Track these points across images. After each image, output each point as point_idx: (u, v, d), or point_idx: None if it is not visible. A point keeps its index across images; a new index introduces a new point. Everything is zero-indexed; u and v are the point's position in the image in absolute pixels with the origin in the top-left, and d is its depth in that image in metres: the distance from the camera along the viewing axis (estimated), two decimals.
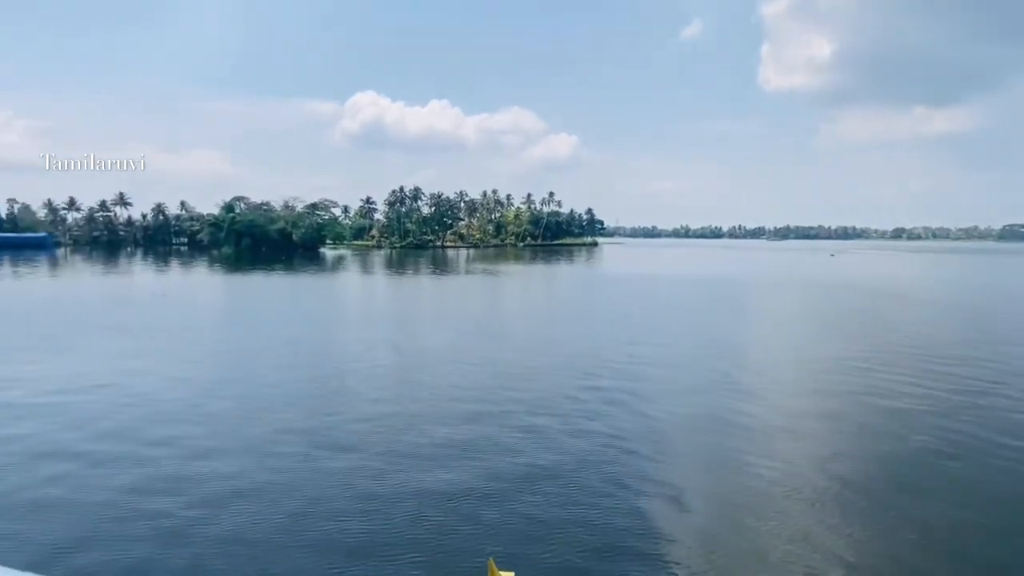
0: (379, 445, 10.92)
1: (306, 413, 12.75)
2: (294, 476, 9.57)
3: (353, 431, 11.66)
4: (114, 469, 9.79)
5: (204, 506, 8.55)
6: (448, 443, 11.07)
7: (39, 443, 11.12)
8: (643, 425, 12.23)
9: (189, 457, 10.26)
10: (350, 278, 56.65)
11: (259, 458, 10.28)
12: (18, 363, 17.56)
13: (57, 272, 60.56)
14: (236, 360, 18.56)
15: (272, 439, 11.19)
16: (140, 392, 14.26)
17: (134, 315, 28.32)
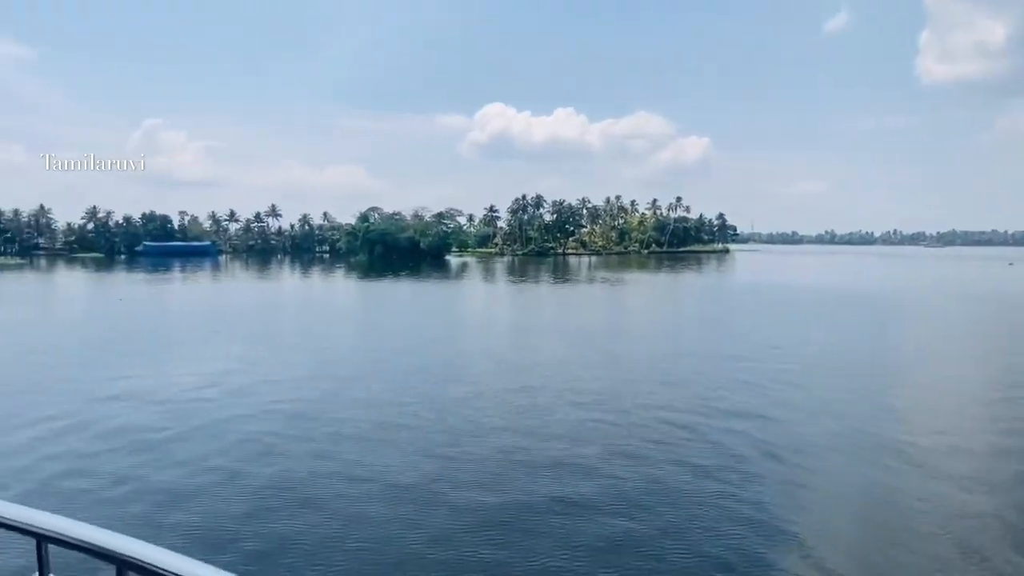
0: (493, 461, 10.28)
1: (425, 421, 12.47)
2: (408, 479, 9.17)
3: (462, 441, 11.13)
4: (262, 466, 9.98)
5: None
6: (564, 460, 10.25)
7: (227, 435, 11.87)
8: (782, 447, 10.55)
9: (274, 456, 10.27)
10: (472, 285, 57.60)
11: (386, 465, 10.03)
12: (195, 360, 19.20)
13: (218, 277, 67.59)
14: (365, 365, 18.94)
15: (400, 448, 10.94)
16: (263, 392, 14.84)
17: (280, 320, 30.48)
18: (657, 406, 13.97)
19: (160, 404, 14.08)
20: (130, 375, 17.09)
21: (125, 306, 36.99)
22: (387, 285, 55.09)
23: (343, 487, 9.53)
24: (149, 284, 55.71)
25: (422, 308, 37.90)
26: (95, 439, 11.70)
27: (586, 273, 75.65)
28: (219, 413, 13.37)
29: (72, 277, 68.15)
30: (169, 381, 16.57)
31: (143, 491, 9.34)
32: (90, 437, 11.81)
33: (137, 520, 8.35)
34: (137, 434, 11.95)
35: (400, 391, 15.54)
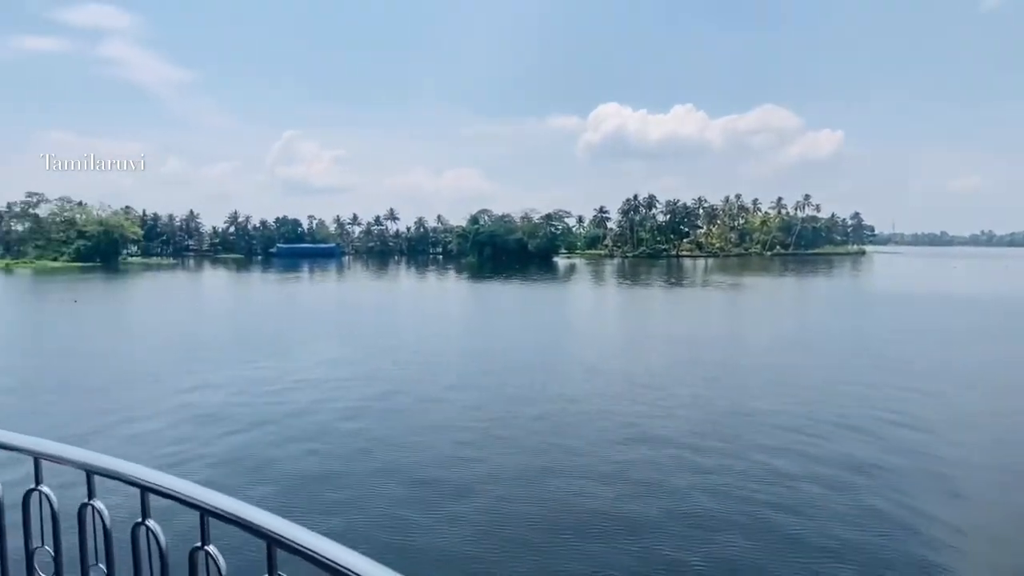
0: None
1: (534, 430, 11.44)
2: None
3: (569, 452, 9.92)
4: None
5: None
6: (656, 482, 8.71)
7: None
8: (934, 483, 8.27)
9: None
10: (580, 288, 56.13)
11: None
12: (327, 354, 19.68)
13: (341, 277, 71.33)
14: (475, 371, 18.31)
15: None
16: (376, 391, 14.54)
17: (392, 321, 30.98)
18: (767, 431, 11.87)
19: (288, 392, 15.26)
20: (271, 365, 17.87)
21: (267, 304, 39.50)
22: (494, 287, 55.12)
23: (467, 488, 9.78)
24: (281, 284, 59.81)
25: (528, 311, 37.20)
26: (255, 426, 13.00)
27: (702, 276, 71.45)
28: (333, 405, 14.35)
29: (215, 276, 75.01)
30: (286, 374, 17.57)
31: (287, 473, 10.32)
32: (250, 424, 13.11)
33: (286, 503, 9.12)
34: (281, 424, 13.03)
35: (513, 397, 15.17)
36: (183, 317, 34.22)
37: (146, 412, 14.01)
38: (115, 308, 40.19)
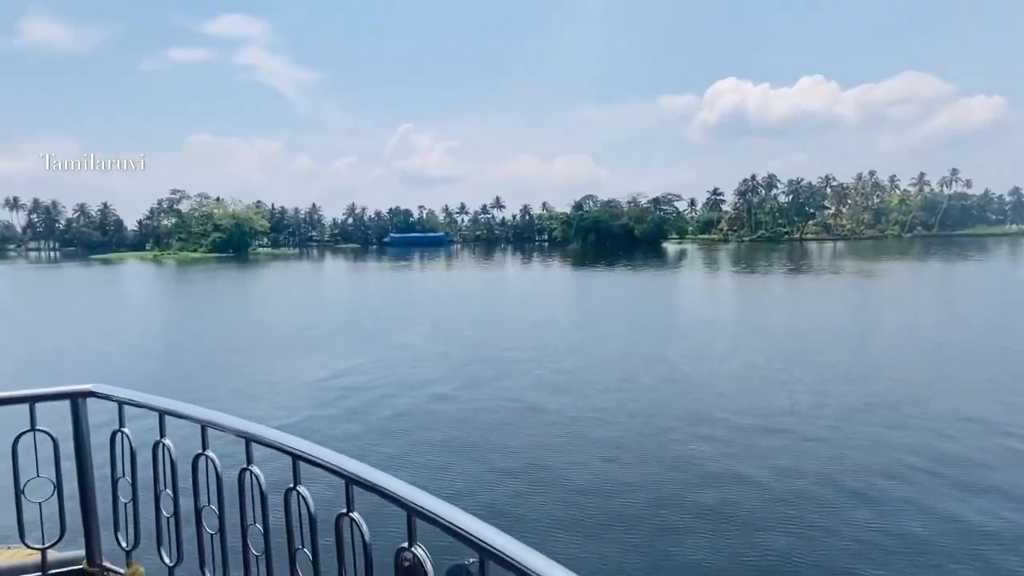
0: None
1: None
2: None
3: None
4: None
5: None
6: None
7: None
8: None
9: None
10: (689, 276, 52.94)
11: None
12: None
13: (450, 265, 72.80)
14: (581, 363, 17.31)
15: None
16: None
17: (496, 310, 30.61)
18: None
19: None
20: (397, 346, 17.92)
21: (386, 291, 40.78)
22: (597, 275, 53.37)
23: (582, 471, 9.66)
24: (395, 272, 62.03)
25: (633, 301, 35.14)
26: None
27: (829, 262, 65.07)
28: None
29: (335, 265, 79.38)
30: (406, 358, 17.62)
31: (421, 450, 10.85)
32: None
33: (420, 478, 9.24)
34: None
35: (615, 394, 13.94)
36: (314, 302, 36.12)
37: (291, 387, 15.61)
38: (264, 291, 43.28)
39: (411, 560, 1.75)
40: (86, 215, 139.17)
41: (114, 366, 18.98)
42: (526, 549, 1.38)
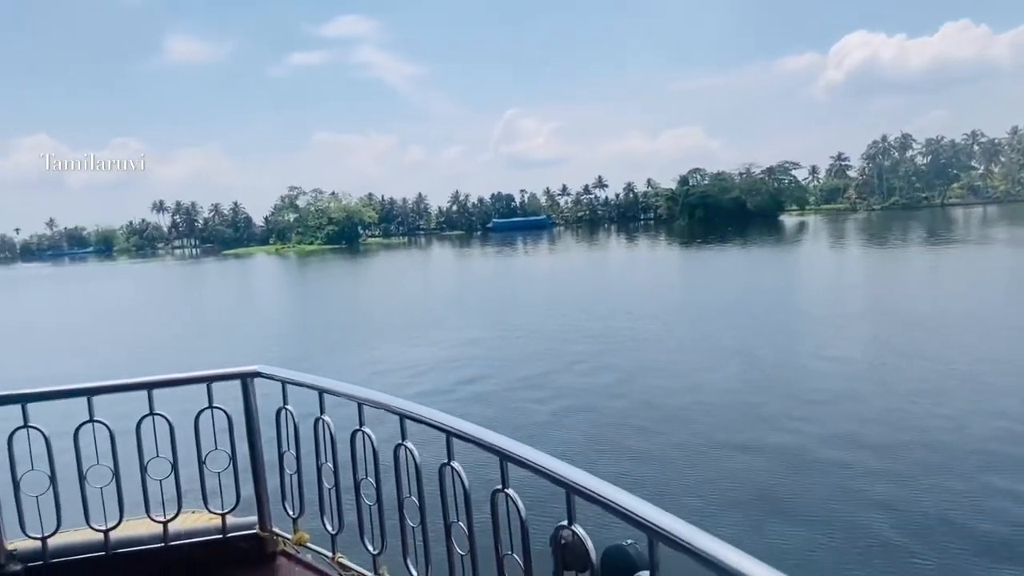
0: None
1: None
2: None
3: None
4: None
5: None
6: None
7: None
8: None
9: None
10: (810, 252, 49.11)
11: None
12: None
13: (552, 249, 72.75)
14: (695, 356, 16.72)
15: None
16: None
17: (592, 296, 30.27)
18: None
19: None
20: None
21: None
22: (706, 254, 50.77)
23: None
24: (497, 257, 63.06)
25: (743, 283, 31.85)
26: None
27: (979, 230, 57.96)
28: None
29: (439, 252, 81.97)
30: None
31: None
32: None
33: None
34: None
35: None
36: (423, 288, 37.64)
37: (429, 366, 16.32)
38: (377, 279, 45.88)
39: (570, 538, 1.74)
40: (220, 214, 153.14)
41: (269, 348, 20.82)
42: (697, 530, 1.35)
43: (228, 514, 3.19)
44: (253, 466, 3.21)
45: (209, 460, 3.10)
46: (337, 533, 2.99)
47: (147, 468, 3.01)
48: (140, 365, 17.78)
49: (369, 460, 2.67)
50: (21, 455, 2.87)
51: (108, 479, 2.97)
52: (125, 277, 70.72)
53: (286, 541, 3.22)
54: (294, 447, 3.04)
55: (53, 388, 3.02)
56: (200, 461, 3.09)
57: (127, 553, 3.06)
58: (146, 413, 3.01)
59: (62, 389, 3.02)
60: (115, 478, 2.98)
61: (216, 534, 3.17)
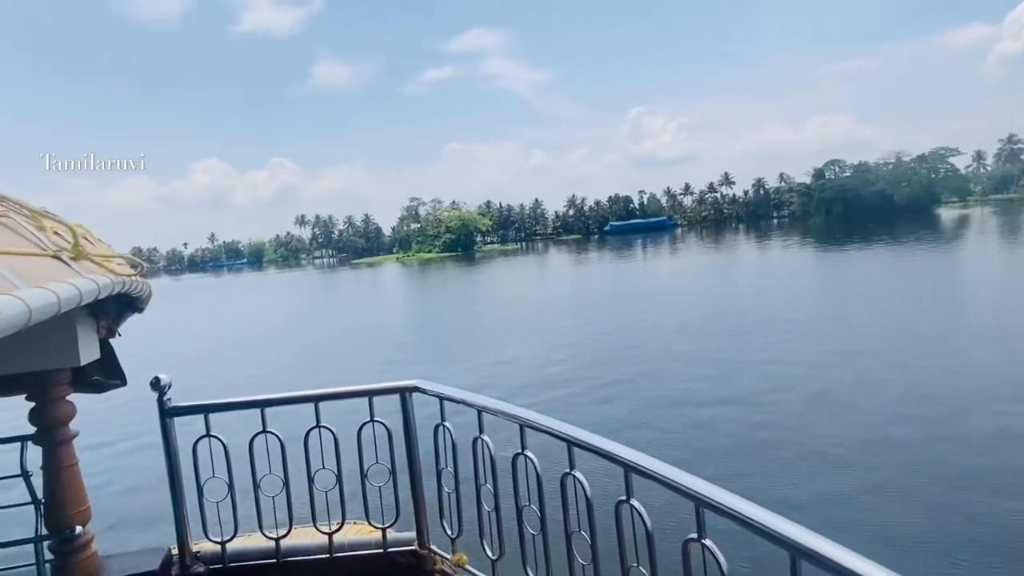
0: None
1: None
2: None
3: None
4: None
5: None
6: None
7: None
8: None
9: None
10: (978, 251, 43.13)
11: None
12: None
13: (675, 252, 70.21)
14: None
15: None
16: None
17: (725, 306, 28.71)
18: None
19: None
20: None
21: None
22: (845, 256, 45.76)
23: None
24: (614, 262, 62.02)
25: (895, 289, 27.81)
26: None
27: None
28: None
29: (555, 259, 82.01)
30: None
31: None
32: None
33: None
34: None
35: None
36: (537, 294, 37.83)
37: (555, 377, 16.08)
38: (490, 287, 47.03)
39: (701, 552, 1.71)
40: (353, 226, 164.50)
41: (401, 350, 21.84)
42: (846, 551, 1.31)
43: (388, 528, 3.18)
44: (412, 482, 3.17)
45: (371, 473, 3.11)
46: (498, 559, 2.87)
47: (314, 479, 3.07)
48: (299, 371, 19.42)
49: (532, 486, 2.54)
50: (203, 463, 3.04)
51: (279, 488, 3.06)
52: (275, 286, 77.92)
53: (444, 560, 3.16)
54: (452, 465, 2.99)
55: (231, 400, 3.19)
56: (363, 474, 3.10)
57: (295, 562, 3.14)
58: (313, 425, 3.07)
59: (238, 401, 3.18)
60: (285, 487, 3.07)
61: (376, 548, 3.17)
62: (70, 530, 2.83)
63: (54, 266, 1.78)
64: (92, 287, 1.63)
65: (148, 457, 9.68)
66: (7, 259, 1.41)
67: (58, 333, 2.55)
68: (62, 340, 2.56)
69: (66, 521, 2.82)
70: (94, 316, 2.71)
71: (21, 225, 1.85)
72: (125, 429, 11.74)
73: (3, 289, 1.22)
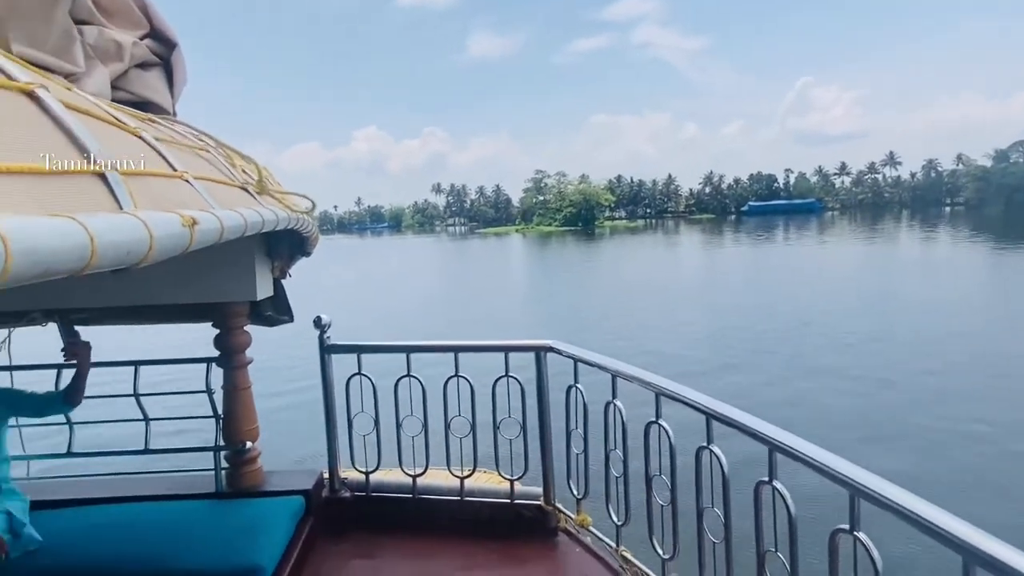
0: None
1: None
2: None
3: None
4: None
5: None
6: None
7: None
8: None
9: None
10: None
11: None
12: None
13: (823, 236, 64.23)
14: None
15: None
16: None
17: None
18: None
19: None
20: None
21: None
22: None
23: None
24: (751, 245, 58.26)
25: None
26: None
27: None
28: None
29: (680, 239, 78.48)
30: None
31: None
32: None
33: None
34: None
35: None
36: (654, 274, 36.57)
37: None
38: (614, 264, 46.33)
39: (852, 546, 1.61)
40: (484, 196, 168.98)
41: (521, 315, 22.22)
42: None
43: (516, 480, 3.27)
44: (541, 439, 3.23)
45: (502, 426, 3.22)
46: (623, 525, 2.87)
47: (450, 425, 3.23)
48: (435, 327, 20.53)
49: (664, 455, 2.47)
50: (353, 399, 3.30)
51: (418, 430, 3.25)
52: (412, 248, 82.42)
53: (568, 519, 3.21)
54: (582, 427, 3.01)
55: (381, 343, 3.43)
56: (495, 426, 3.21)
57: (429, 500, 3.34)
58: (452, 374, 3.21)
59: (387, 344, 3.41)
60: (424, 430, 3.25)
61: (504, 498, 3.28)
62: (242, 444, 3.22)
63: (241, 196, 1.99)
64: (272, 217, 1.81)
65: (306, 389, 10.66)
66: (204, 184, 1.58)
67: (240, 271, 2.88)
68: (243, 277, 2.89)
69: (239, 436, 3.21)
70: (269, 257, 3.03)
71: (216, 159, 2.08)
72: (289, 362, 13.10)
73: (202, 207, 1.37)
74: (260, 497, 3.15)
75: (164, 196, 1.25)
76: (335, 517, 3.32)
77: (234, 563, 2.52)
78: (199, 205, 1.37)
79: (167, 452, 3.38)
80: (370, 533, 3.26)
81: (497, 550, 3.08)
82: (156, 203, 1.14)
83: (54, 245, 0.68)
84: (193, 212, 1.14)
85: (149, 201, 1.11)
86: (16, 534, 2.52)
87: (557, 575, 2.98)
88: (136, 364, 3.28)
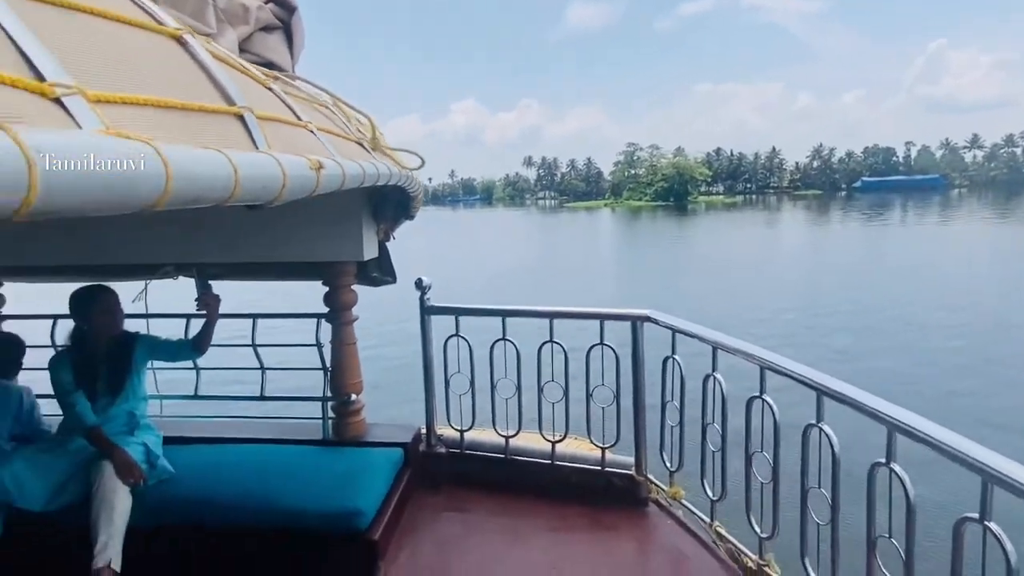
0: None
1: None
2: None
3: None
4: None
5: None
6: None
7: None
8: None
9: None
10: None
11: None
12: None
13: (949, 215, 58.26)
14: None
15: None
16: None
17: None
18: None
19: None
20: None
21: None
22: None
23: None
24: (859, 224, 53.85)
25: None
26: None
27: None
28: None
29: (784, 217, 73.63)
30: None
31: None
32: None
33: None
34: None
35: None
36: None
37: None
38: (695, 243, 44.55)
39: (981, 536, 1.52)
40: (575, 169, 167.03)
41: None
42: None
43: (607, 449, 3.26)
44: (635, 409, 3.19)
45: (595, 394, 3.20)
46: (718, 500, 2.79)
47: (543, 389, 3.25)
48: (530, 295, 20.84)
49: (768, 432, 2.38)
50: (451, 359, 3.40)
51: (512, 392, 3.30)
52: (504, 220, 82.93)
53: (660, 490, 3.16)
54: (678, 399, 2.94)
55: (478, 307, 3.48)
56: (588, 393, 3.20)
57: (520, 461, 3.40)
58: (546, 340, 3.22)
59: (484, 308, 3.46)
60: (517, 393, 3.29)
61: (595, 465, 3.27)
62: (347, 396, 3.41)
63: (357, 149, 2.07)
64: (386, 171, 1.87)
65: (406, 348, 11.08)
66: (326, 135, 1.66)
67: (349, 232, 3.01)
68: (352, 237, 3.02)
69: (344, 388, 3.39)
70: (375, 220, 3.14)
71: (333, 115, 2.17)
72: (390, 321, 13.66)
73: (326, 155, 1.44)
74: (363, 447, 3.32)
75: (292, 143, 1.32)
76: (431, 471, 3.45)
77: (339, 505, 2.68)
78: (323, 154, 1.44)
79: (280, 400, 3.64)
80: (463, 488, 3.35)
81: (587, 515, 3.09)
82: (285, 148, 1.20)
83: (206, 174, 0.72)
84: (319, 158, 1.19)
85: (280, 145, 1.17)
86: (152, 464, 2.81)
87: (647, 545, 2.96)
88: (254, 317, 3.54)
